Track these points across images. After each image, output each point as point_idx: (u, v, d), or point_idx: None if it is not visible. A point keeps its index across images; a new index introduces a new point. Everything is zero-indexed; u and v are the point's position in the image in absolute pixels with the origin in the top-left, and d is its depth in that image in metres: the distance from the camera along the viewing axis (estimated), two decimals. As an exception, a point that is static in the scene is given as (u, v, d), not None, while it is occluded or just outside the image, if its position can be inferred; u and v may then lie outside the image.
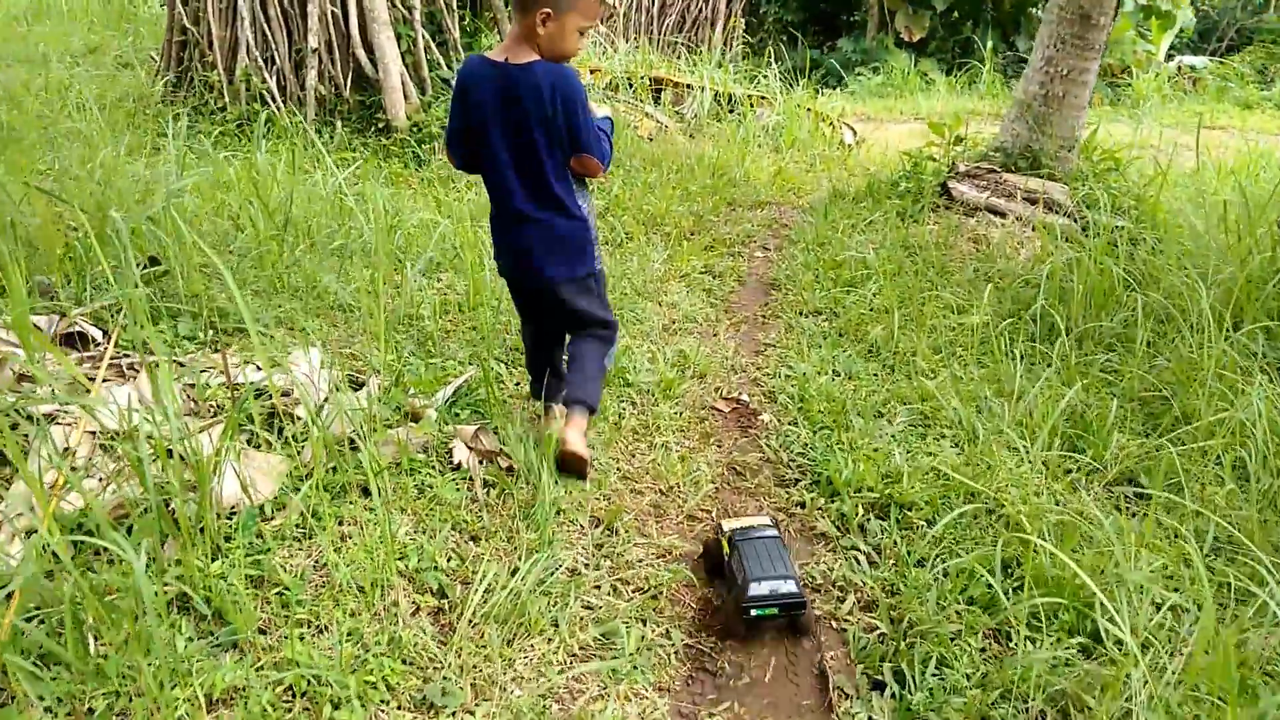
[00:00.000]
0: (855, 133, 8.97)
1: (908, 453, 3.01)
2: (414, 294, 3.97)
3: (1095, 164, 5.87)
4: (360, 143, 6.26)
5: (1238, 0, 18.20)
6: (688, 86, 9.02)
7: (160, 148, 5.52)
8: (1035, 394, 3.22)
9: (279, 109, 6.31)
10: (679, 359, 3.79)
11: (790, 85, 10.18)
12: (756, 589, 2.18)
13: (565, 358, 2.98)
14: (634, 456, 3.08)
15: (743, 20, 13.94)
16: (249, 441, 2.64)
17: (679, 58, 11.82)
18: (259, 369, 2.91)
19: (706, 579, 2.49)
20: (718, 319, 4.33)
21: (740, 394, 3.59)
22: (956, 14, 15.70)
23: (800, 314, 4.39)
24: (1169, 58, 16.44)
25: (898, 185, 5.93)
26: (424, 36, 6.54)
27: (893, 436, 3.12)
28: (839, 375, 3.66)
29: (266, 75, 6.31)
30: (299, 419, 2.71)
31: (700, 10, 17.68)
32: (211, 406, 2.78)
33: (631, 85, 8.85)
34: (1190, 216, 4.89)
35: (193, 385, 2.81)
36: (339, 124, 6.41)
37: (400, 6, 6.46)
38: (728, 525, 2.44)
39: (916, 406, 3.34)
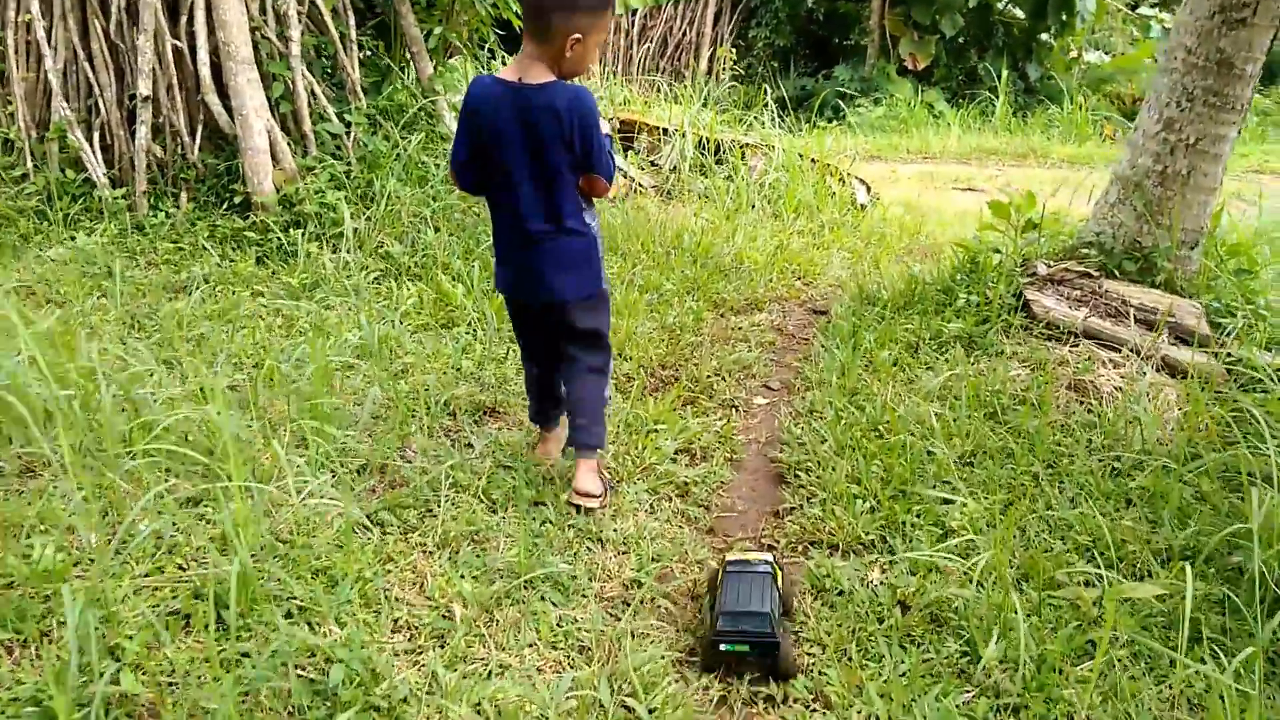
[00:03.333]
0: (869, 189, 7.24)
1: None
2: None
3: (1222, 262, 4.15)
4: (208, 224, 4.47)
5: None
6: (665, 131, 7.28)
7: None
8: None
9: (100, 177, 4.53)
10: None
11: (786, 123, 8.45)
12: (725, 622, 2.13)
13: (564, 386, 2.86)
14: None
15: (733, 50, 12.18)
16: None
17: (659, 91, 10.08)
18: None
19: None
20: (696, 581, 2.55)
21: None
22: (962, 40, 14.04)
23: (836, 550, 2.63)
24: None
25: (952, 293, 4.17)
26: (306, 79, 4.77)
27: None
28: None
29: (77, 132, 4.51)
30: None
31: (684, 34, 15.95)
32: None
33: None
34: None
35: None
36: (184, 196, 4.63)
37: (273, 39, 4.69)
38: (729, 558, 2.35)
39: None
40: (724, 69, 13.53)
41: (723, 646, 2.12)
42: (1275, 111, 12.28)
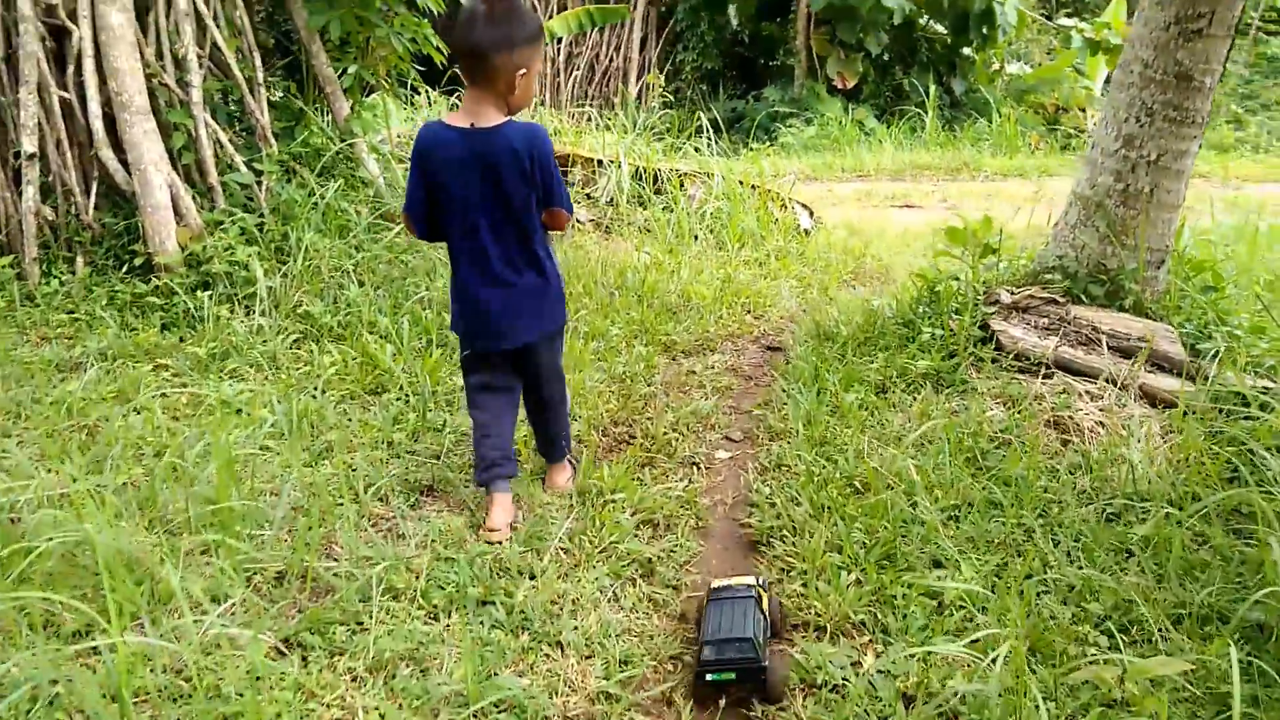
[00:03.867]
0: (812, 213, 7.04)
1: None
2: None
3: (1189, 279, 3.99)
4: (106, 290, 4.06)
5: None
6: (599, 163, 7.00)
7: None
8: None
9: (-18, 244, 4.09)
10: None
11: (721, 146, 8.24)
12: (709, 652, 2.11)
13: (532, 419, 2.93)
14: None
15: (660, 76, 11.97)
16: None
17: (589, 120, 9.81)
18: None
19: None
20: (672, 676, 2.24)
21: None
22: (888, 57, 14.06)
23: (823, 634, 2.34)
24: (1104, 92, 14.99)
25: (914, 325, 3.94)
26: (210, 127, 4.39)
27: None
28: None
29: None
30: None
31: (611, 60, 15.77)
32: None
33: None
34: None
35: None
36: (79, 260, 4.21)
37: (171, 86, 4.30)
38: (714, 584, 2.34)
39: None
40: (654, 94, 13.36)
41: (709, 677, 2.10)
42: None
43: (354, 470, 2.88)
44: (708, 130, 8.25)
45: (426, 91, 9.18)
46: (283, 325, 3.81)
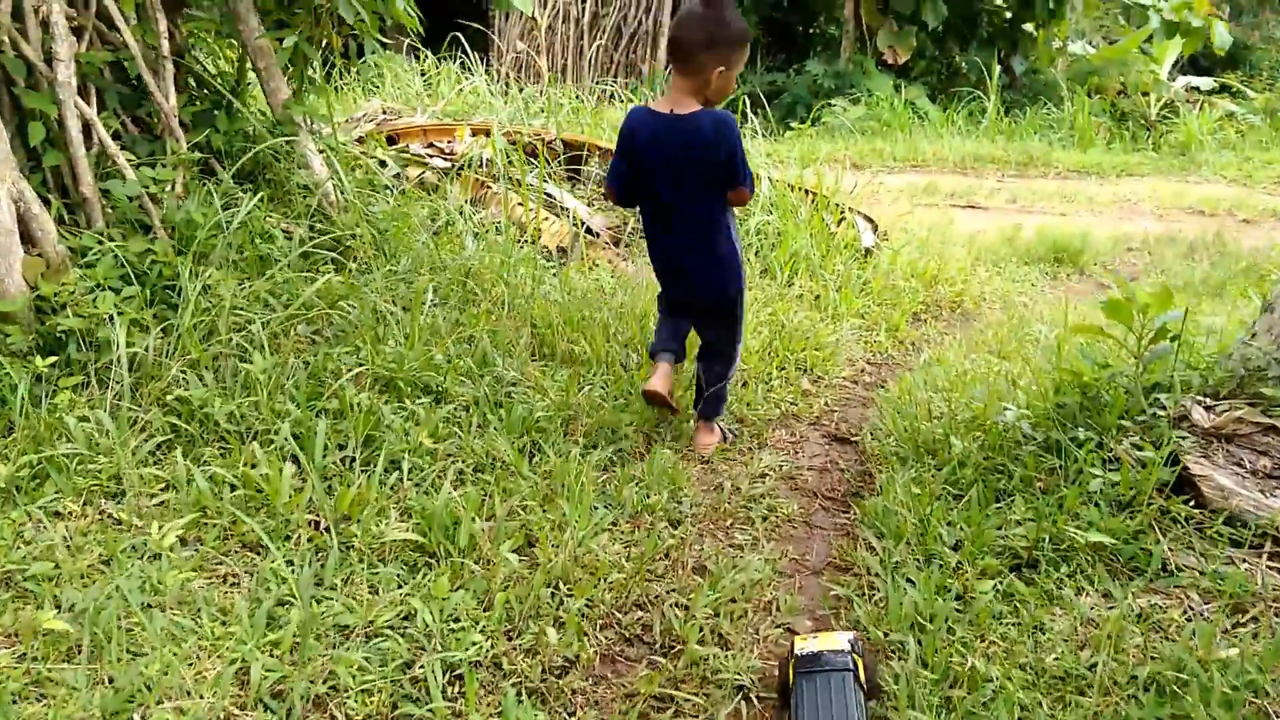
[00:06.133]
0: (876, 227, 5.72)
1: None
2: None
3: None
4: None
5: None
6: (621, 156, 5.69)
7: None
8: None
9: None
10: None
11: (755, 123, 6.88)
12: None
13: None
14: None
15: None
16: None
17: (611, 98, 8.45)
18: None
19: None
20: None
21: None
22: (944, 31, 12.57)
23: None
24: (1171, 78, 13.40)
25: (1062, 450, 2.66)
26: (84, 115, 3.14)
27: None
28: None
29: None
30: None
31: (639, 23, 14.29)
32: None
33: (532, 154, 5.50)
34: None
35: None
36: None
37: (30, 58, 3.04)
38: (799, 646, 1.94)
39: None
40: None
41: None
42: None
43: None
44: (744, 106, 6.91)
45: (426, 54, 7.86)
46: (146, 419, 2.58)
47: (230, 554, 2.23)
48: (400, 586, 2.15)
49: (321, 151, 3.80)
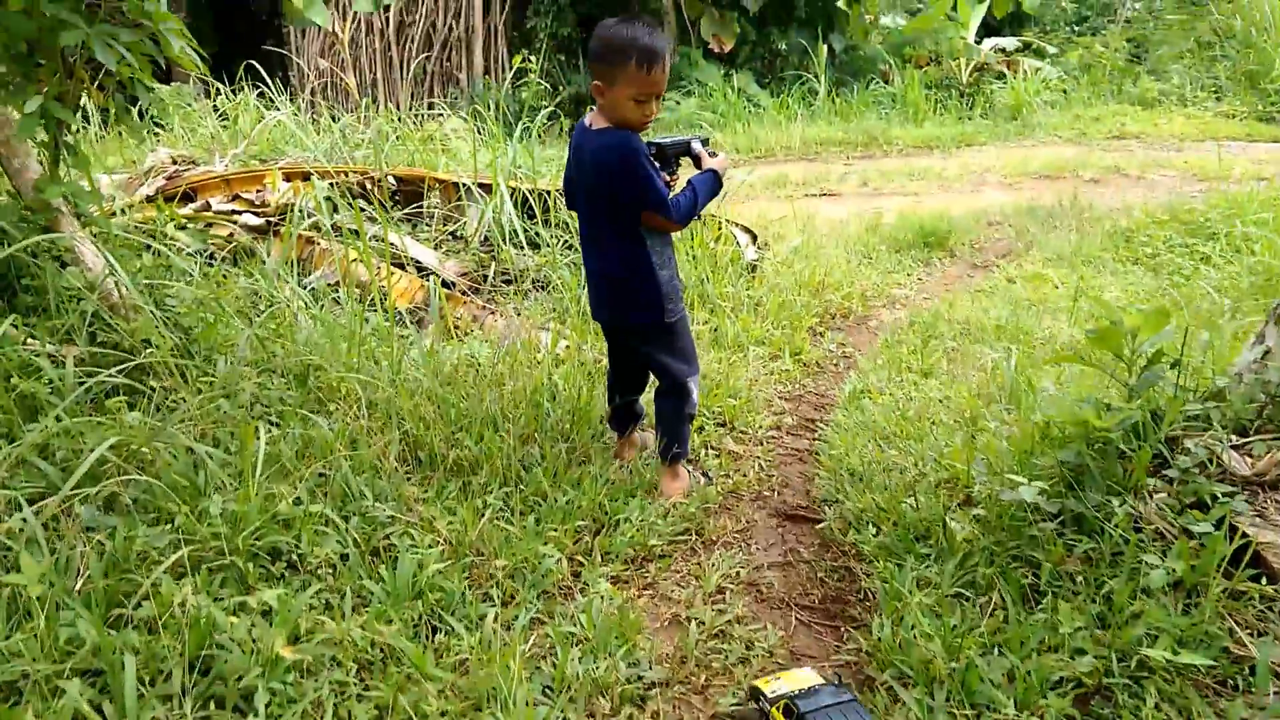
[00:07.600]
0: (755, 237, 5.22)
1: None
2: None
3: None
4: None
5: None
6: (465, 188, 4.95)
7: None
8: None
9: None
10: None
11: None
12: None
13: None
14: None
15: (524, 52, 9.71)
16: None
17: (432, 110, 7.62)
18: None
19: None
20: None
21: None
22: (761, 13, 12.32)
23: None
24: (978, 40, 13.67)
25: (1079, 520, 2.18)
26: None
27: None
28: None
29: None
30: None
31: (450, 29, 13.40)
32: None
33: (362, 195, 4.67)
34: None
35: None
36: None
37: None
38: (772, 689, 1.78)
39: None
40: (505, 66, 11.21)
41: None
42: (1107, 65, 11.26)
43: None
44: (567, 109, 6.30)
45: (218, 87, 6.80)
46: None
47: None
48: None
49: (95, 236, 2.91)
